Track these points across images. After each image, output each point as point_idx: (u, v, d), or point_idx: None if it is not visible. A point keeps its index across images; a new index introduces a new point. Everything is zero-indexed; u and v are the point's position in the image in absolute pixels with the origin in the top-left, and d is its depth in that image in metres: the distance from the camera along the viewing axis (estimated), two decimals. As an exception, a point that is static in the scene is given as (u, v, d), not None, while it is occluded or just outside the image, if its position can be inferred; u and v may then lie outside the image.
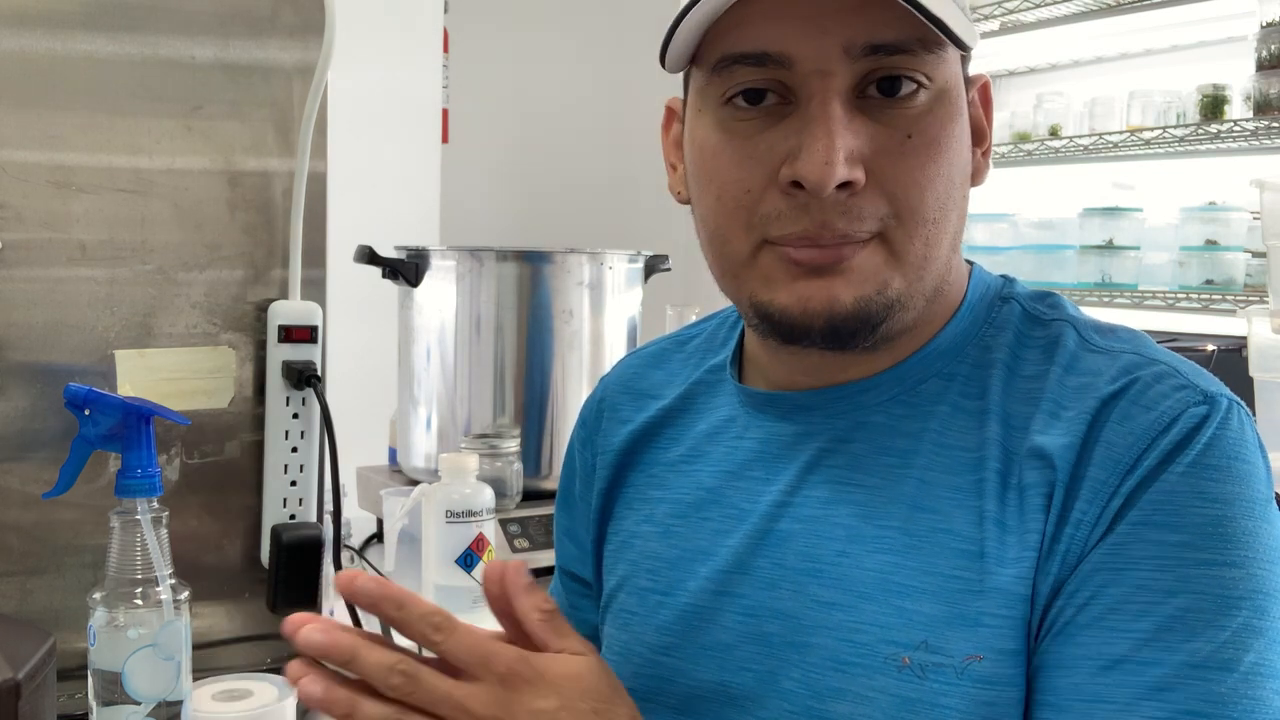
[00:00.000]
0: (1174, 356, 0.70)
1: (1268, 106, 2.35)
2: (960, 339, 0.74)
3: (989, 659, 0.65)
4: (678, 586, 0.78)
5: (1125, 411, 0.66)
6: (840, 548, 0.71)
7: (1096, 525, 0.64)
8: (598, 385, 0.95)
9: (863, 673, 0.68)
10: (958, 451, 0.70)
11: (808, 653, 0.70)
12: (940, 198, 0.67)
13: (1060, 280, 2.77)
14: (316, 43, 1.20)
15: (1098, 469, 0.65)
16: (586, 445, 0.92)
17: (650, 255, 1.82)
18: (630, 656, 0.80)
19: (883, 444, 0.72)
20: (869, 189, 0.66)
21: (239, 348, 1.20)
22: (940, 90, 0.67)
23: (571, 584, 0.94)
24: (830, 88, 0.65)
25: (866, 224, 0.66)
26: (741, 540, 0.76)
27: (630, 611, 0.81)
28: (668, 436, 0.85)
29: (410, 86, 2.62)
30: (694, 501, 0.80)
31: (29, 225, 1.11)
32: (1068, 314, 0.74)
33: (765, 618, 0.73)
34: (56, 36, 1.11)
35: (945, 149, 0.67)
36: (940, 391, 0.72)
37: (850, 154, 0.65)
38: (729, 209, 0.69)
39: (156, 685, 0.93)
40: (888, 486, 0.71)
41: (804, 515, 0.73)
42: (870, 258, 0.67)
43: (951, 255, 0.71)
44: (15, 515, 1.11)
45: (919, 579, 0.68)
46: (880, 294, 0.68)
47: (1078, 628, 0.63)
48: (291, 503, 1.22)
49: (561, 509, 0.96)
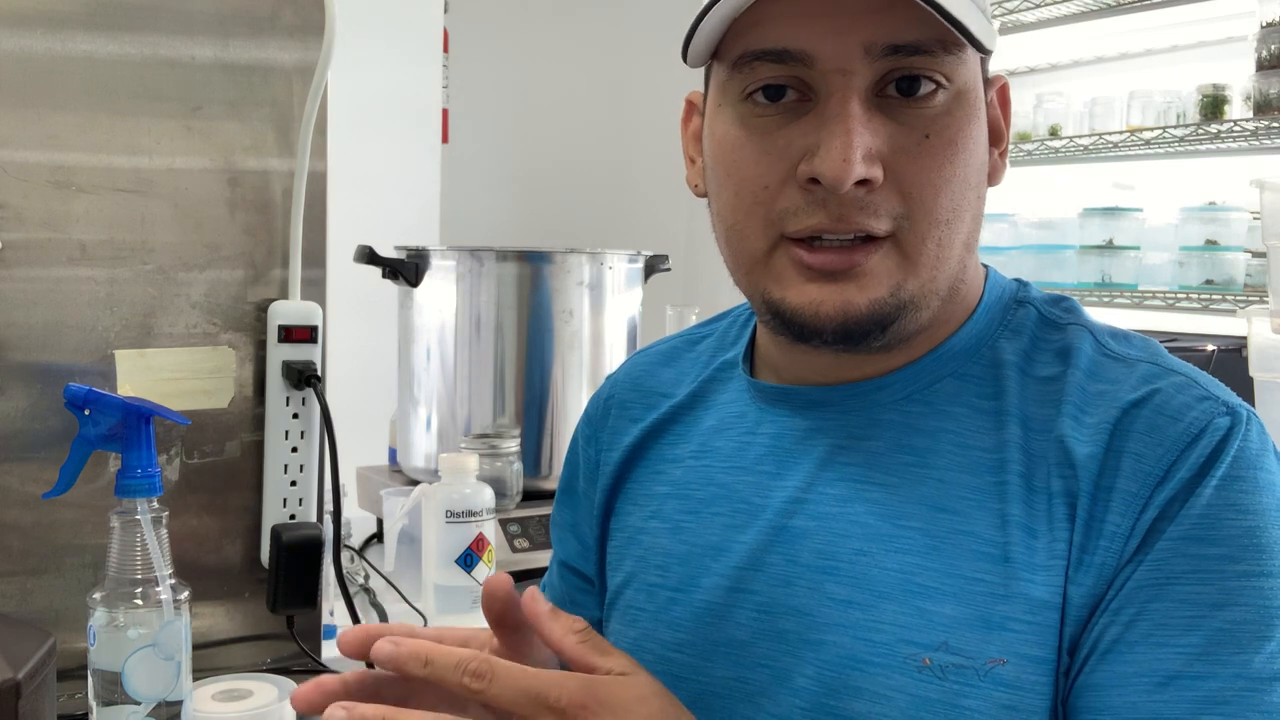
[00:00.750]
0: (1188, 366, 0.70)
1: (1268, 106, 2.35)
2: (975, 340, 0.74)
3: (1013, 663, 0.65)
4: (690, 583, 0.78)
5: (1152, 422, 0.66)
6: (858, 546, 0.71)
7: (1130, 537, 0.64)
8: (605, 383, 0.94)
9: (881, 672, 0.68)
10: (977, 452, 0.70)
11: (823, 650, 0.70)
12: (955, 198, 0.68)
13: (1060, 280, 2.77)
14: (316, 43, 1.20)
15: (1128, 480, 0.65)
16: (591, 442, 0.92)
17: (650, 255, 1.82)
18: (640, 653, 0.79)
19: (900, 442, 0.72)
20: (885, 187, 0.66)
21: (239, 348, 1.20)
22: (959, 91, 0.68)
23: (572, 578, 0.94)
24: (850, 86, 0.65)
25: (882, 221, 0.67)
26: (755, 536, 0.76)
27: (639, 608, 0.81)
28: (675, 433, 0.85)
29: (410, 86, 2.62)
30: (704, 497, 0.80)
31: (29, 225, 1.11)
32: (1083, 319, 0.75)
33: (780, 614, 0.73)
34: (56, 36, 1.11)
35: (962, 149, 0.68)
36: (955, 391, 0.72)
37: (868, 152, 0.65)
38: (747, 204, 0.69)
39: (156, 685, 0.93)
40: (906, 486, 0.71)
41: (819, 512, 0.73)
42: (883, 260, 0.68)
43: (966, 256, 0.71)
44: (15, 515, 1.11)
45: (940, 580, 0.68)
46: (894, 295, 0.68)
47: (1127, 645, 0.63)
48: (291, 503, 1.22)
49: (564, 504, 0.95)
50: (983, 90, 0.71)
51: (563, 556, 0.95)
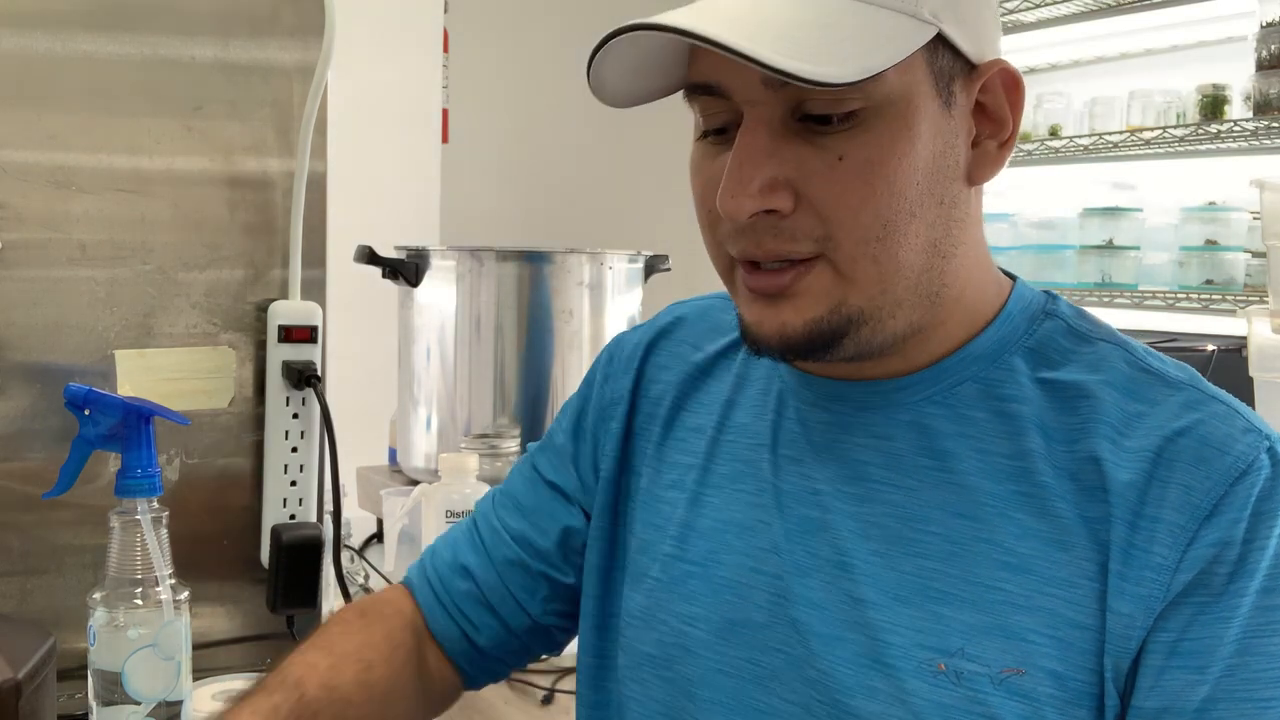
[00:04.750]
0: (1226, 393, 0.70)
1: (1268, 106, 2.35)
2: (997, 345, 0.73)
3: (1030, 675, 0.65)
4: (710, 558, 0.78)
5: (1198, 453, 0.65)
6: (875, 547, 0.71)
7: (1178, 571, 0.64)
8: (665, 313, 0.92)
9: (896, 674, 0.68)
10: (997, 458, 0.70)
11: (837, 646, 0.70)
12: (882, 213, 0.66)
13: (1060, 280, 2.77)
14: (316, 43, 1.20)
15: (1174, 512, 0.64)
16: (612, 381, 0.89)
17: (650, 255, 1.82)
18: (653, 623, 0.79)
19: (920, 444, 0.72)
20: (801, 212, 0.67)
21: (239, 348, 1.20)
22: (881, 104, 0.66)
23: (548, 490, 0.91)
24: (758, 117, 0.67)
25: (801, 244, 0.67)
26: (776, 521, 0.76)
27: (654, 577, 0.81)
28: (699, 400, 0.85)
29: (410, 86, 2.62)
30: (728, 473, 0.80)
31: (29, 225, 1.11)
32: (1116, 335, 0.74)
33: (797, 604, 0.73)
34: (56, 36, 1.11)
35: (884, 164, 0.66)
36: (975, 396, 0.72)
37: (771, 182, 0.66)
38: (705, 227, 0.73)
39: (156, 685, 0.93)
40: (925, 490, 0.71)
41: (837, 507, 0.73)
42: (817, 280, 0.68)
43: (934, 260, 0.69)
44: (15, 515, 1.11)
45: (959, 587, 0.68)
46: (834, 313, 0.68)
47: (1225, 704, 0.63)
48: (291, 503, 1.22)
49: (571, 434, 0.91)
50: (936, 88, 0.67)
51: (551, 477, 0.91)
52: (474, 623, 0.89)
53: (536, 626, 0.89)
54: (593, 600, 0.86)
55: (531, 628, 0.89)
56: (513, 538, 0.89)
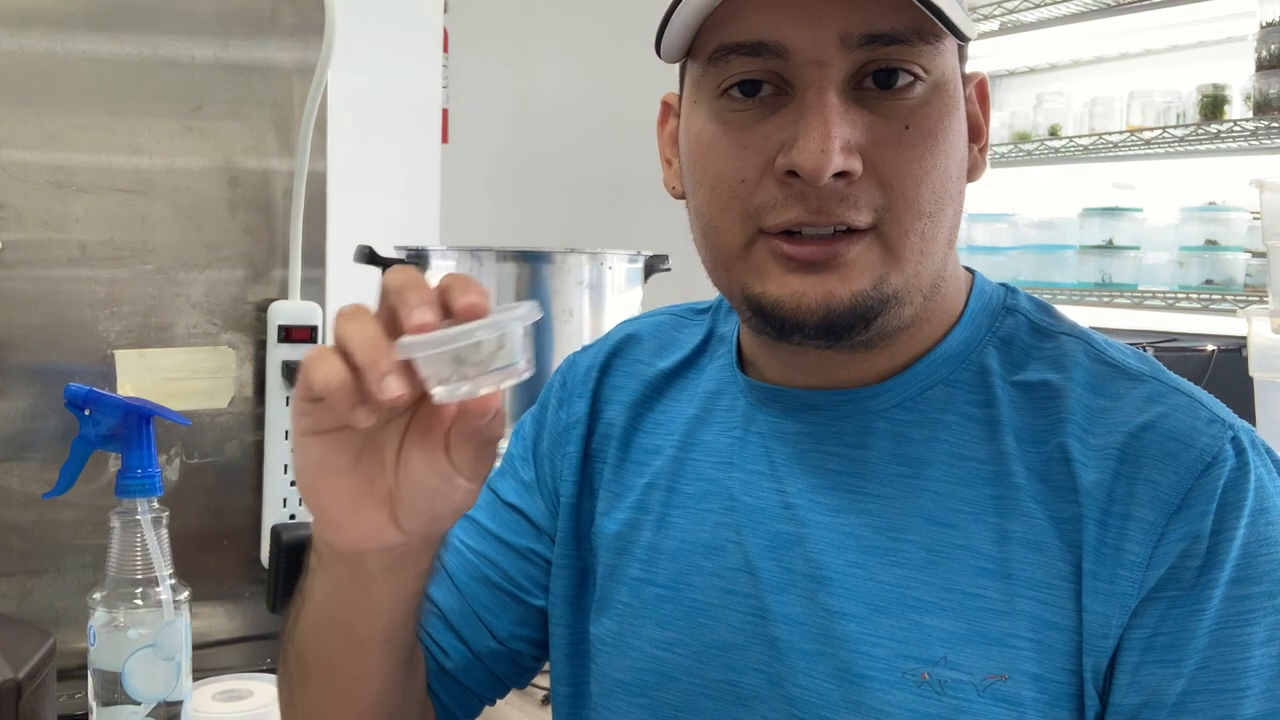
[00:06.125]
0: (1187, 383, 0.70)
1: (1268, 106, 2.34)
2: (964, 346, 0.73)
3: (1014, 680, 0.65)
4: (680, 580, 0.77)
5: (1164, 448, 0.65)
6: (853, 558, 0.70)
7: (1149, 566, 0.64)
8: (615, 331, 0.90)
9: (879, 686, 0.67)
10: (971, 463, 0.69)
11: (819, 661, 0.70)
12: (936, 191, 0.67)
13: (1060, 280, 2.77)
14: (316, 43, 1.20)
15: (1144, 508, 0.64)
16: (566, 405, 0.87)
17: (650, 255, 1.82)
18: (626, 649, 0.78)
19: (893, 452, 0.71)
20: (865, 179, 0.65)
21: (239, 348, 1.20)
22: (937, 82, 0.67)
23: (509, 513, 0.88)
24: (826, 78, 0.64)
25: (863, 213, 0.65)
26: (748, 538, 0.74)
27: (622, 602, 0.79)
28: (653, 420, 0.83)
29: (410, 86, 2.62)
30: (693, 492, 0.78)
31: (29, 225, 1.11)
32: (1075, 327, 0.74)
33: (775, 622, 0.72)
34: (56, 36, 1.11)
35: (942, 141, 0.67)
36: (946, 399, 0.72)
37: (846, 143, 0.64)
38: (724, 200, 0.68)
39: (156, 685, 0.93)
40: (901, 498, 0.70)
41: (812, 520, 0.72)
42: (866, 252, 0.66)
43: (948, 251, 0.70)
44: (15, 515, 1.11)
45: (938, 595, 0.67)
46: (876, 289, 0.67)
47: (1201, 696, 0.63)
48: (291, 503, 1.22)
49: (528, 460, 0.89)
50: (961, 84, 0.70)
51: (510, 498, 0.88)
52: (441, 645, 0.84)
53: (503, 651, 0.85)
54: (563, 628, 0.84)
55: (497, 651, 0.85)
56: (477, 559, 0.86)
